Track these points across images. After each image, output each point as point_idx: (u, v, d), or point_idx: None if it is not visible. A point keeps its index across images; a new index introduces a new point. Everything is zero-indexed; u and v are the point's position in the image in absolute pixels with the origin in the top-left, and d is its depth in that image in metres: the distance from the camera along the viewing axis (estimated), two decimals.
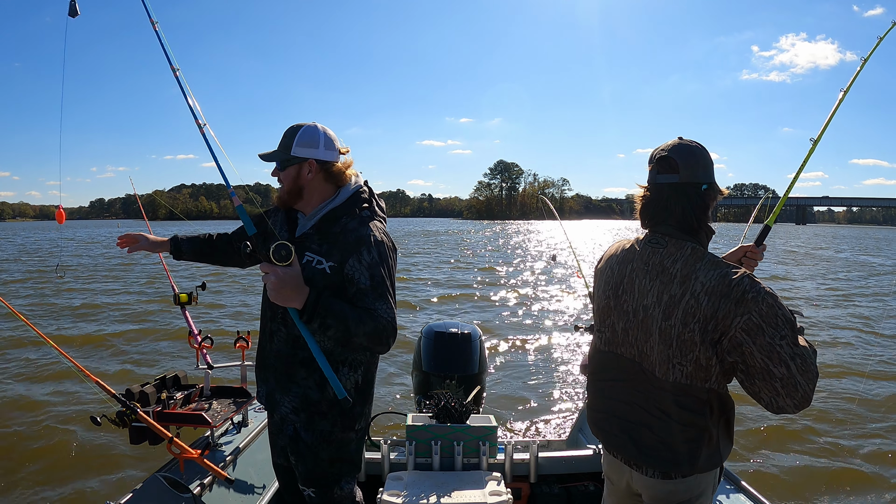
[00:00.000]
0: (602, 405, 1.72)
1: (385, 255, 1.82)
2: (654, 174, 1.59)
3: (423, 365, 3.29)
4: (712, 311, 1.42)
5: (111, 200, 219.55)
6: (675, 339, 1.48)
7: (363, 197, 1.91)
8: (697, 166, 1.55)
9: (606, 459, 1.79)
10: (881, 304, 13.73)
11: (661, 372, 1.52)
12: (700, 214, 1.55)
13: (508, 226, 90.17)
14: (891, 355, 8.37)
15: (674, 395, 1.53)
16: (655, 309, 1.52)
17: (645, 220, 1.62)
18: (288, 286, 1.67)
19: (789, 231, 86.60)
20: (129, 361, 7.50)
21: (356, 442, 2.02)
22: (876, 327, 10.61)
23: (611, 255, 1.73)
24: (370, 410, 2.04)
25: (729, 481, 2.47)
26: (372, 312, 1.74)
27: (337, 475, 1.98)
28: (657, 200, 1.58)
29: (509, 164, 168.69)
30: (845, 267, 22.95)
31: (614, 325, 1.65)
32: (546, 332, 9.68)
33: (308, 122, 1.89)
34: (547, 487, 2.79)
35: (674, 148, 1.57)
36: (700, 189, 1.55)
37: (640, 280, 1.57)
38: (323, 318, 1.69)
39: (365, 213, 1.88)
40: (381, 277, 1.78)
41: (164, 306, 11.19)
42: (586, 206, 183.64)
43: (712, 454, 1.56)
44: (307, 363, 1.86)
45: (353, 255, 1.78)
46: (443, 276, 18.12)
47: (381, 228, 1.88)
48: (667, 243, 1.55)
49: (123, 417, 2.27)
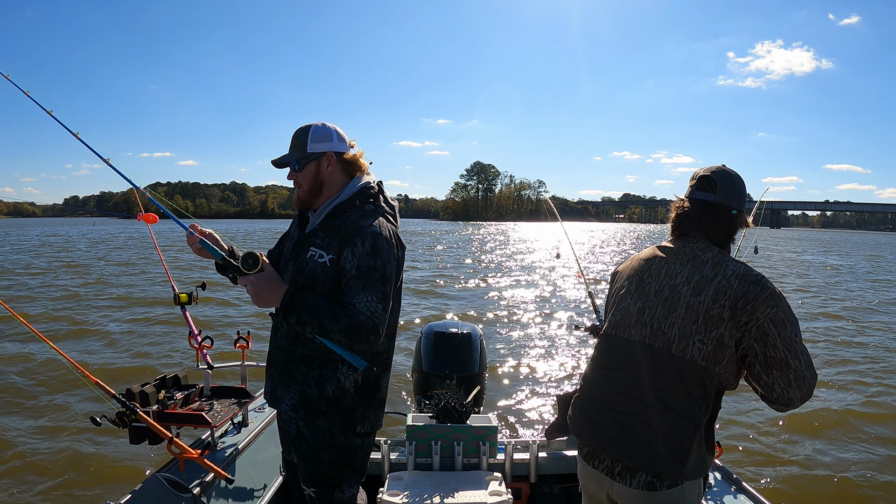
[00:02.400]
0: (596, 396, 1.70)
1: (381, 248, 1.77)
2: (693, 190, 1.71)
3: (423, 365, 3.29)
4: (742, 292, 1.52)
5: (85, 198, 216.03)
6: (703, 314, 1.53)
7: (369, 193, 1.90)
8: (732, 193, 1.67)
9: (583, 470, 1.75)
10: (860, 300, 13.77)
11: (679, 348, 1.54)
12: (725, 235, 1.68)
13: (489, 227, 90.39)
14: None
15: (682, 378, 1.52)
16: (685, 287, 1.59)
17: (676, 230, 1.73)
18: (264, 290, 1.73)
19: (762, 234, 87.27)
20: (128, 361, 7.50)
21: (363, 449, 1.98)
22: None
23: (636, 256, 1.81)
24: (376, 415, 1.96)
25: (729, 481, 2.47)
26: (349, 308, 1.72)
27: (338, 479, 1.96)
28: (691, 214, 1.69)
29: (486, 165, 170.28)
30: (807, 268, 24.00)
31: (629, 307, 1.68)
32: (546, 332, 9.68)
33: (315, 122, 1.90)
34: (547, 487, 2.79)
35: (717, 171, 1.69)
36: (730, 213, 1.66)
37: (670, 265, 1.66)
38: (298, 315, 1.72)
39: (368, 207, 1.87)
40: (368, 269, 1.75)
41: (165, 306, 11.19)
42: (562, 209, 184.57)
43: (700, 460, 1.55)
44: (307, 360, 1.87)
45: (348, 245, 1.78)
46: (442, 276, 18.13)
47: (385, 223, 1.85)
48: (697, 240, 1.67)
49: (123, 417, 2.26)
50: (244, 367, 3.03)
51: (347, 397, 1.88)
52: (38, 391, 6.18)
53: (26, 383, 6.46)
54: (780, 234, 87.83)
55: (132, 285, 15.05)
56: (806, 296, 15.17)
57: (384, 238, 1.80)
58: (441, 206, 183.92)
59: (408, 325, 9.94)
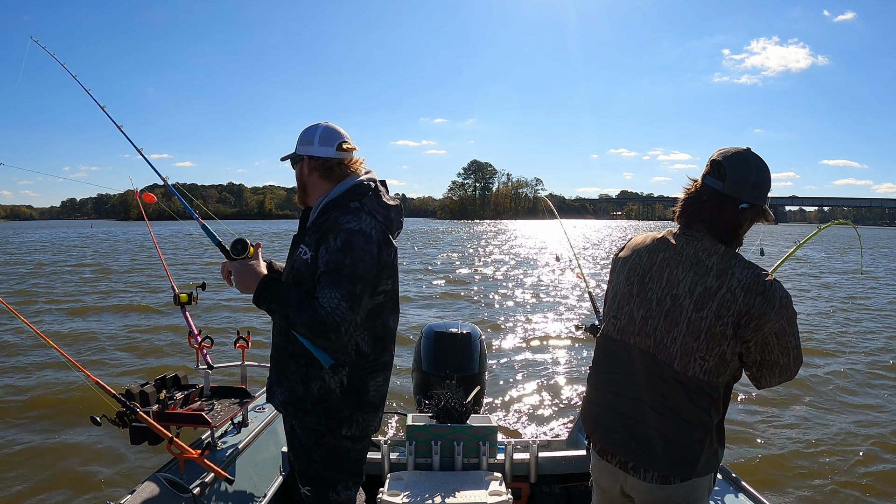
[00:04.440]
0: (603, 399, 1.68)
1: (355, 245, 1.75)
2: (705, 174, 1.58)
3: (423, 365, 3.29)
4: (747, 307, 1.46)
5: (83, 200, 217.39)
6: (705, 332, 1.48)
7: (358, 191, 1.88)
8: (745, 183, 1.51)
9: (597, 464, 1.74)
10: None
11: (681, 365, 1.51)
12: (728, 228, 1.55)
13: (485, 225, 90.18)
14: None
15: (686, 392, 1.51)
16: (687, 299, 1.51)
17: (681, 215, 1.62)
18: (246, 275, 1.84)
19: (758, 229, 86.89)
20: (128, 361, 7.50)
21: (356, 452, 1.98)
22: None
23: (638, 244, 1.69)
24: (365, 419, 1.93)
25: (729, 481, 2.47)
26: (313, 302, 1.72)
27: (332, 480, 1.97)
28: (697, 199, 1.57)
29: (483, 164, 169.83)
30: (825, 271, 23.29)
31: (633, 313, 1.61)
32: (546, 332, 9.68)
33: (319, 123, 1.94)
34: (547, 487, 2.79)
35: (733, 155, 1.54)
36: (738, 206, 1.52)
37: (672, 270, 1.56)
38: (268, 303, 1.79)
39: (353, 205, 1.84)
40: (336, 265, 1.73)
41: (165, 306, 11.18)
42: (559, 206, 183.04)
43: (711, 457, 1.56)
44: (296, 357, 1.88)
45: (323, 242, 1.78)
46: (441, 275, 18.13)
47: (367, 220, 1.81)
48: (702, 237, 1.56)
49: (123, 417, 2.26)
50: (244, 367, 3.03)
51: (333, 397, 1.87)
52: (37, 391, 6.18)
53: (26, 383, 6.46)
54: (778, 230, 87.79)
55: (132, 285, 15.04)
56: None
57: (361, 235, 1.77)
58: (438, 205, 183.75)
59: (408, 325, 9.95)
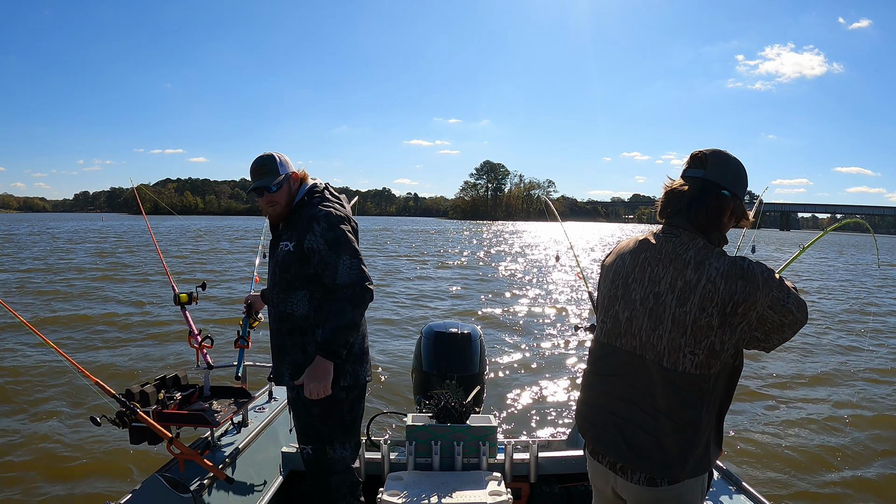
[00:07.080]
0: (596, 400, 1.69)
1: (333, 222, 2.18)
2: (685, 169, 1.63)
3: (423, 365, 3.29)
4: (730, 295, 1.45)
5: (96, 193, 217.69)
6: (691, 326, 1.48)
7: (315, 190, 2.31)
8: (727, 172, 1.58)
9: (591, 465, 1.76)
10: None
11: (670, 361, 1.50)
12: (712, 216, 1.57)
13: (497, 226, 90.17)
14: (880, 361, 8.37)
15: (676, 390, 1.51)
16: (668, 296, 1.52)
17: (663, 211, 1.64)
18: (320, 371, 2.11)
19: (770, 236, 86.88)
20: (128, 361, 7.50)
21: (348, 404, 2.27)
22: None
23: (622, 248, 1.72)
24: (355, 369, 2.26)
25: (729, 481, 2.47)
26: (337, 291, 2.13)
27: (329, 435, 2.24)
28: (679, 192, 1.60)
29: (496, 164, 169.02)
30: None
31: (618, 315, 1.63)
32: (546, 332, 9.68)
33: (263, 153, 2.31)
34: (547, 487, 2.79)
35: (712, 151, 1.61)
36: (719, 191, 1.56)
37: (653, 268, 1.58)
38: (341, 348, 2.12)
39: (316, 200, 2.28)
40: (332, 240, 2.14)
41: (165, 306, 11.19)
42: (571, 208, 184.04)
43: (701, 458, 1.55)
44: (291, 332, 2.24)
45: (308, 231, 2.16)
46: (441, 276, 18.13)
47: (330, 206, 2.24)
48: (680, 233, 1.57)
49: (123, 417, 2.27)
50: (244, 368, 3.03)
51: None
52: (37, 390, 6.17)
53: (26, 383, 6.45)
54: (790, 237, 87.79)
55: (132, 285, 15.04)
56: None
57: (334, 215, 2.21)
58: (450, 205, 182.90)
59: (408, 324, 9.94)
